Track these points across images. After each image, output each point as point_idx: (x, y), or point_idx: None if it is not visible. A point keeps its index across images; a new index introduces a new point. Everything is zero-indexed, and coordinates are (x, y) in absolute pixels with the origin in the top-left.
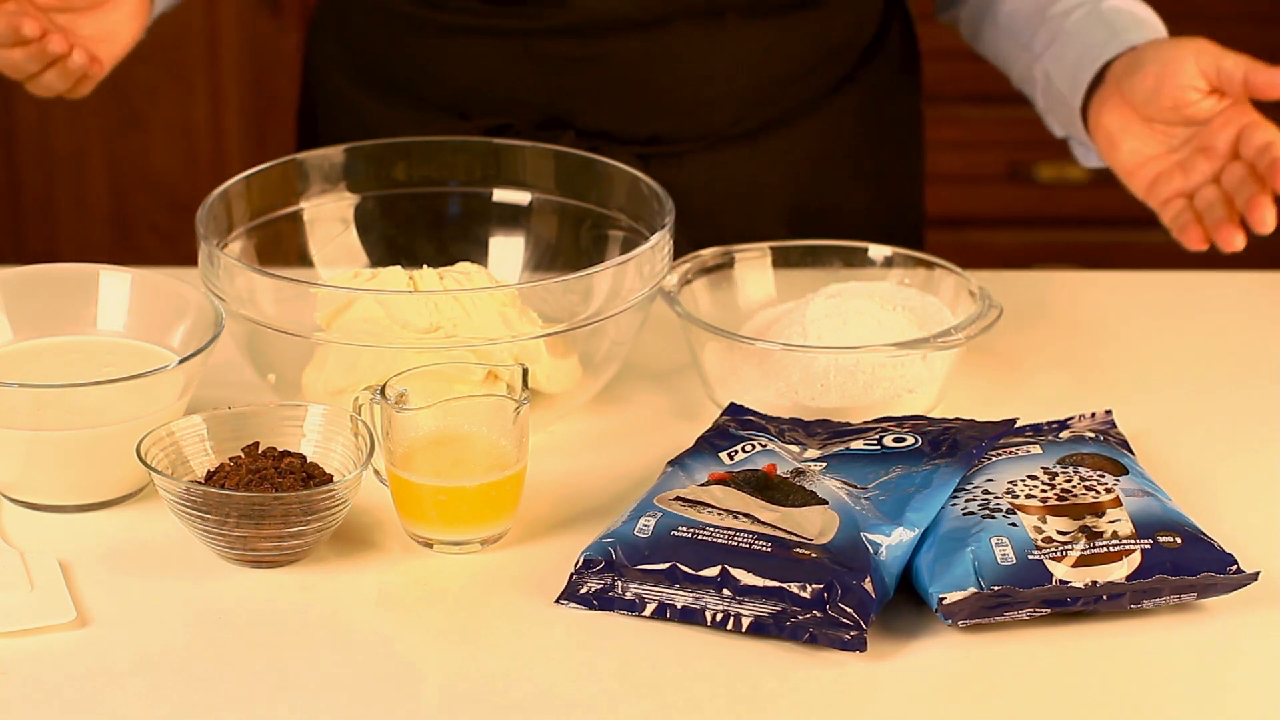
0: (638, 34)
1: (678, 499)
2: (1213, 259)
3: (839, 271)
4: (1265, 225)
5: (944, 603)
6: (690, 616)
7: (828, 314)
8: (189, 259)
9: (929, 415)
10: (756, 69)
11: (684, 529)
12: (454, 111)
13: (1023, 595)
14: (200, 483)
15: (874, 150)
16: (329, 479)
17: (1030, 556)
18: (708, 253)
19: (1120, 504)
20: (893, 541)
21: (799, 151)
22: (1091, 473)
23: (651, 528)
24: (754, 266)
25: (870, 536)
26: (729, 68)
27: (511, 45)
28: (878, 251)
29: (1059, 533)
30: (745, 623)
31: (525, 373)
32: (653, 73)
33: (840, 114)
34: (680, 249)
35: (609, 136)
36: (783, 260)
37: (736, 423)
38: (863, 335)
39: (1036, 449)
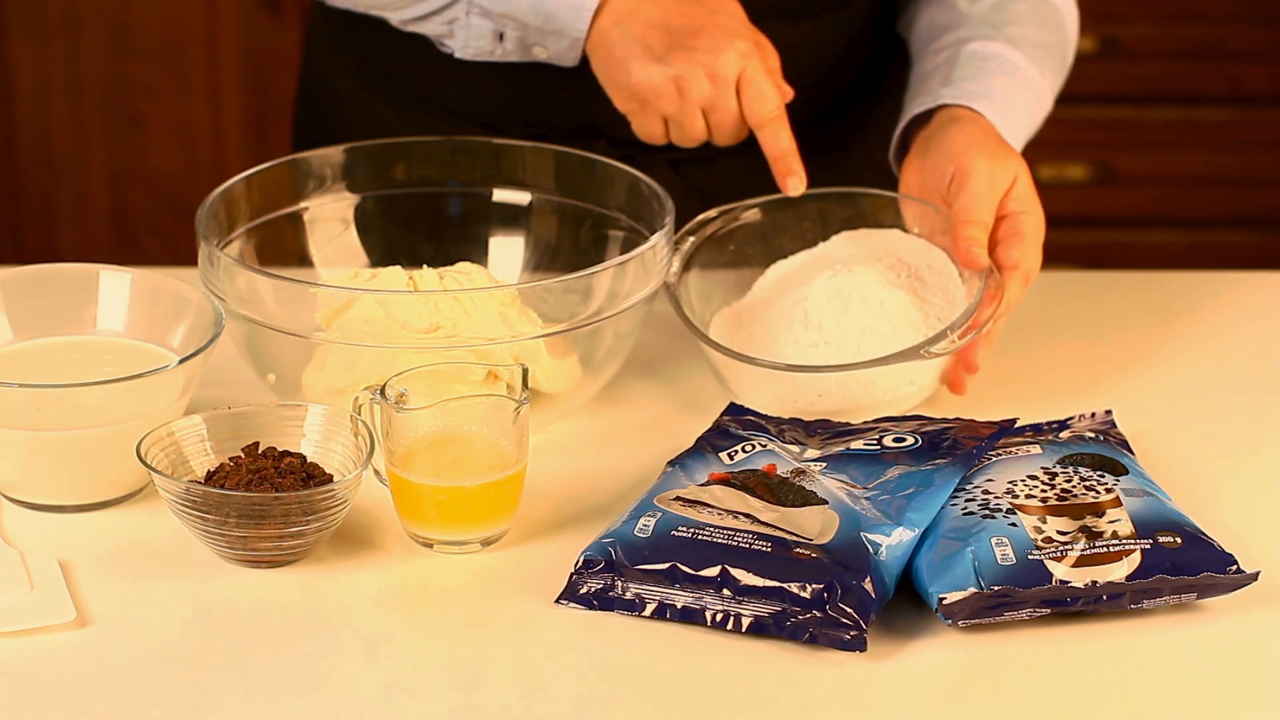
0: None
1: (678, 499)
2: (1212, 259)
3: (845, 214)
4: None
5: (944, 603)
6: (690, 616)
7: (830, 297)
8: (189, 259)
9: (929, 415)
10: (786, 72)
11: (684, 529)
12: (485, 123)
13: (1023, 595)
14: (200, 483)
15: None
16: (329, 479)
17: (1030, 556)
18: (708, 214)
19: (1120, 504)
20: (893, 541)
21: (829, 154)
22: (1091, 473)
23: (651, 528)
24: (751, 230)
25: (870, 536)
26: None
27: None
28: (882, 197)
29: (1059, 533)
30: (745, 623)
31: (525, 373)
32: None
33: (867, 117)
34: None
35: (641, 144)
36: (791, 207)
37: (736, 423)
38: (863, 323)
39: (1036, 449)
